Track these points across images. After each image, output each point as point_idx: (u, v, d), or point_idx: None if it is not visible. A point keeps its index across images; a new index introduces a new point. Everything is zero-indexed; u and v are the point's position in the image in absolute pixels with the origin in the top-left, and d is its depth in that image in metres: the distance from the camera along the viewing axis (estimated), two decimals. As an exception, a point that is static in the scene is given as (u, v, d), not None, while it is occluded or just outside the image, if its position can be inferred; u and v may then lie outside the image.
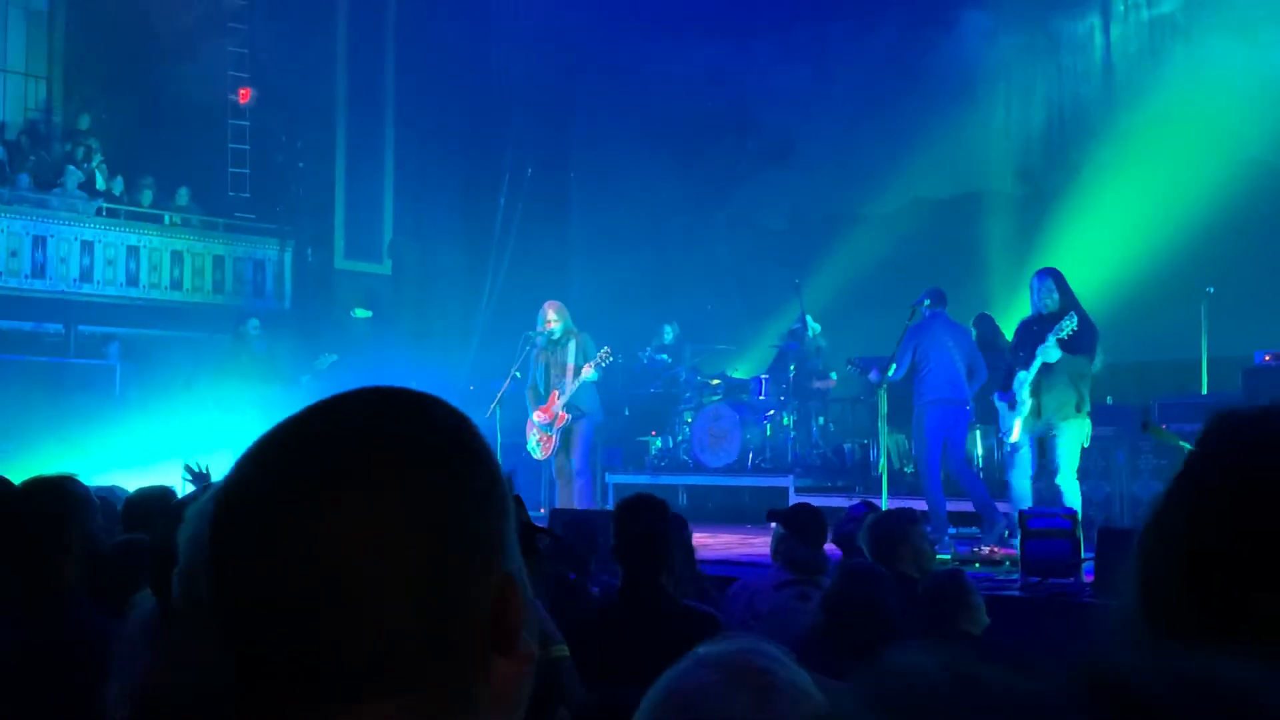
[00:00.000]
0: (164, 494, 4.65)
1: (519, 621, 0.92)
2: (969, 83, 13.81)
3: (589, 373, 9.85)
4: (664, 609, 4.00)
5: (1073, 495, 7.91)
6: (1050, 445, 8.03)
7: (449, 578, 0.88)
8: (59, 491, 3.05)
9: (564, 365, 9.99)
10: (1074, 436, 7.98)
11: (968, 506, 8.98)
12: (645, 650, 3.69)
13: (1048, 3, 13.14)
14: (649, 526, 4.13)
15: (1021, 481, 8.16)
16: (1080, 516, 7.20)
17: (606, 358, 9.92)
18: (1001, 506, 8.53)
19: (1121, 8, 12.56)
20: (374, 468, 0.88)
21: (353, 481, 0.87)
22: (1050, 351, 7.83)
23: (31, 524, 2.99)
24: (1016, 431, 8.09)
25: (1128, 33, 12.46)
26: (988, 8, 13.06)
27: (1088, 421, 8.04)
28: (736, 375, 13.02)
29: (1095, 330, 8.07)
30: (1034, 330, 8.14)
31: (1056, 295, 8.13)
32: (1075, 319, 7.86)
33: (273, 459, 0.90)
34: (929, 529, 7.89)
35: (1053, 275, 8.30)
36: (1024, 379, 7.99)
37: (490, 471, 0.93)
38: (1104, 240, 11.66)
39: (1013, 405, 8.06)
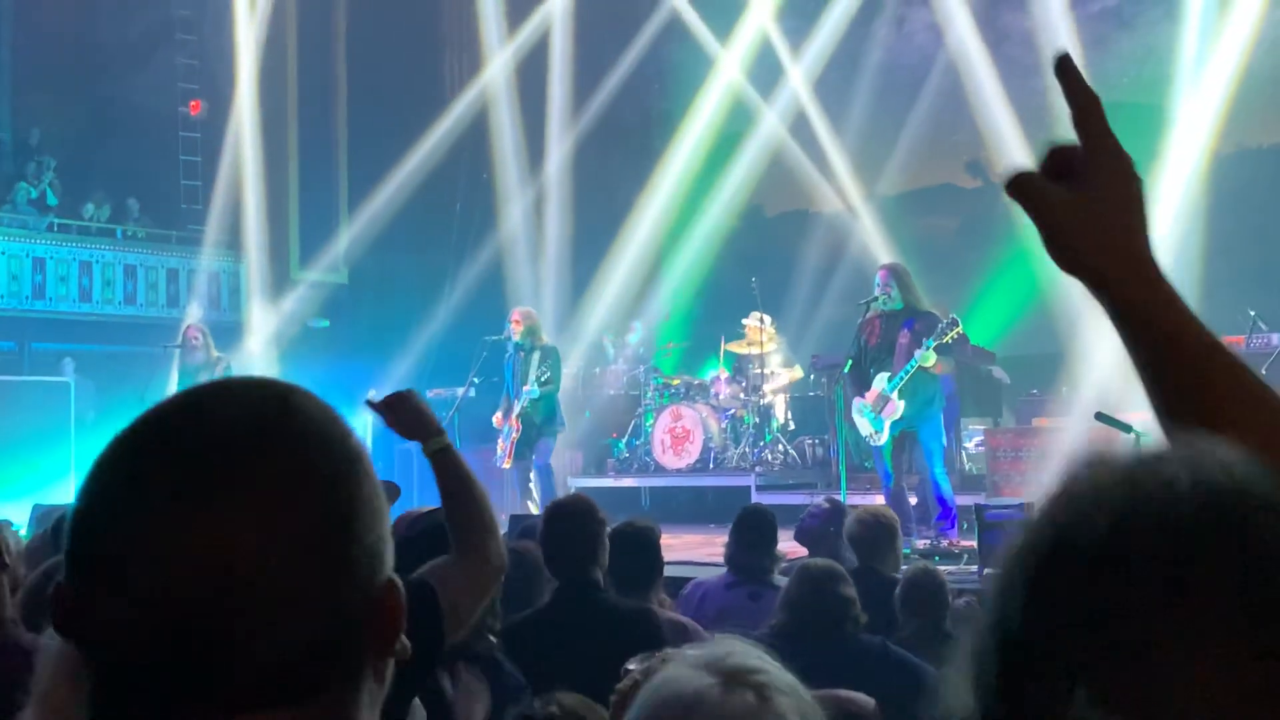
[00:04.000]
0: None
1: (400, 626, 0.92)
2: (919, 78, 13.92)
3: (528, 390, 9.98)
4: (598, 610, 4.01)
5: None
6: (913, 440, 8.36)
7: (339, 586, 0.88)
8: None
9: (526, 375, 10.10)
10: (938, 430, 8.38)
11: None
12: (580, 651, 3.73)
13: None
14: (577, 529, 4.12)
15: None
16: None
17: (546, 378, 10.01)
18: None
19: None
20: (259, 474, 0.86)
21: (236, 489, 0.85)
22: (927, 355, 8.03)
23: None
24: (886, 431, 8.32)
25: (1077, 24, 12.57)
26: (934, 4, 13.15)
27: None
28: (696, 375, 13.04)
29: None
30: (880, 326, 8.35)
31: (898, 292, 8.35)
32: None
33: (144, 465, 0.87)
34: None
35: (893, 271, 8.51)
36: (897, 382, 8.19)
37: (370, 475, 0.92)
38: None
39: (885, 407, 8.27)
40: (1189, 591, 0.69)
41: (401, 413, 2.57)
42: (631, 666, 2.03)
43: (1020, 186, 1.04)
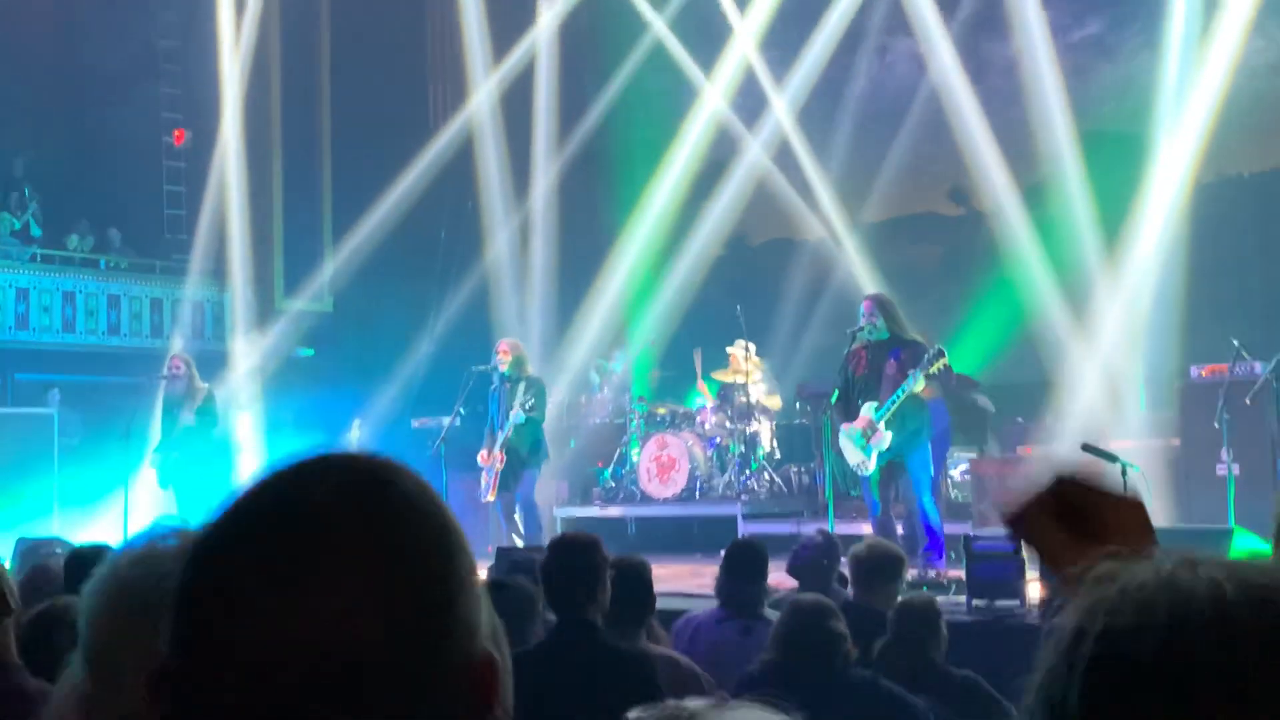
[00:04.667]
0: (102, 553, 4.56)
1: (496, 697, 0.94)
2: (901, 107, 14.00)
3: (515, 416, 9.98)
4: (595, 650, 3.99)
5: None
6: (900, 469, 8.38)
7: (441, 662, 0.89)
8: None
9: (511, 406, 10.10)
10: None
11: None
12: (574, 692, 3.72)
13: (975, 27, 13.34)
14: (577, 565, 4.11)
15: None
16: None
17: (532, 404, 10.01)
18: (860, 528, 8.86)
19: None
20: (364, 554, 0.88)
21: (342, 570, 0.87)
22: (915, 382, 8.07)
23: None
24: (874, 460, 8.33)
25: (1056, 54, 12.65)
26: (917, 34, 13.23)
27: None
28: (683, 404, 13.05)
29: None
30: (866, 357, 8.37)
31: (882, 322, 8.39)
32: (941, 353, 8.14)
33: (250, 549, 0.89)
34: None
35: (878, 301, 8.56)
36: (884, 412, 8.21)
37: (465, 548, 0.94)
38: (1039, 260, 11.84)
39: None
40: (1249, 701, 0.70)
41: None
42: (632, 717, 2.02)
43: (1022, 528, 1.08)
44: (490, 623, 0.96)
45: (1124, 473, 7.19)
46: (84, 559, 4.50)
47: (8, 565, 8.08)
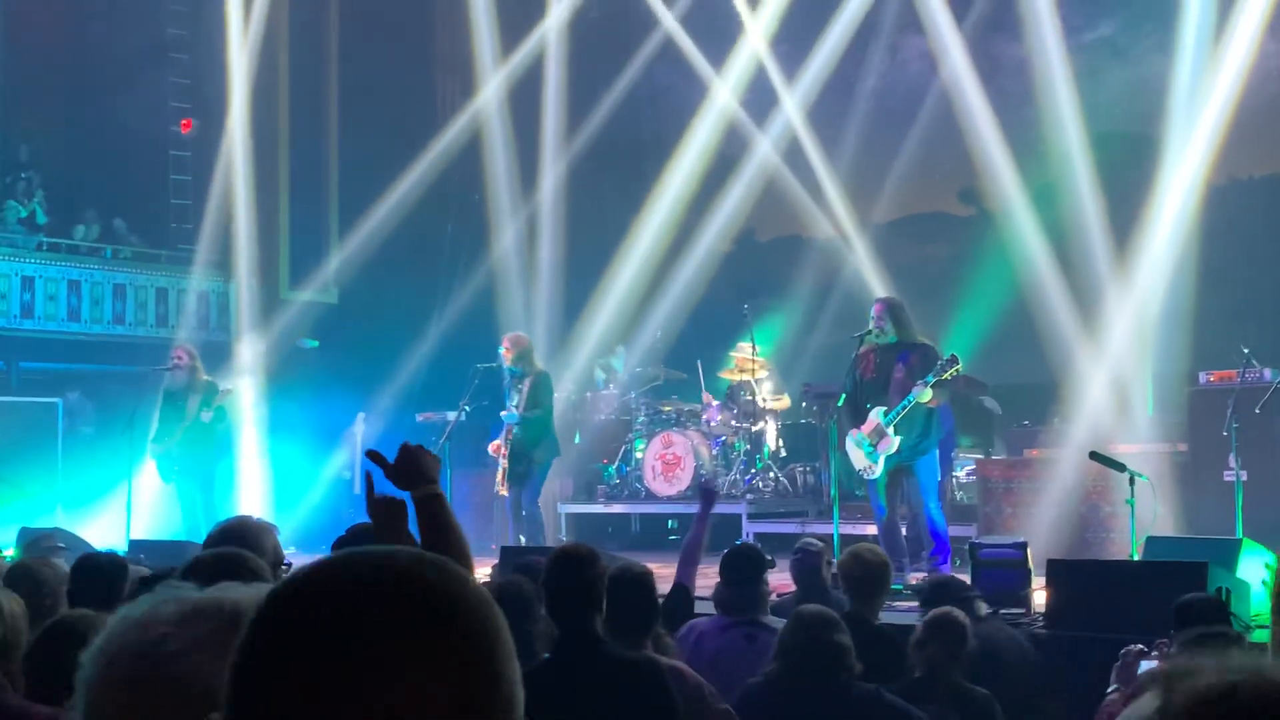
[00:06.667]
0: (116, 565, 4.49)
1: None
2: (912, 106, 13.95)
3: (506, 416, 10.02)
4: (602, 661, 3.97)
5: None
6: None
7: None
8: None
9: (518, 402, 10.10)
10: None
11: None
12: (583, 703, 3.69)
13: (987, 26, 13.28)
14: (578, 578, 4.07)
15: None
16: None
17: (525, 408, 10.04)
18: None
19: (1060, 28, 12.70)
20: (429, 645, 0.94)
21: (410, 661, 0.93)
22: (925, 392, 8.04)
23: None
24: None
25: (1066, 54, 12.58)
26: (928, 33, 13.17)
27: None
28: (687, 401, 13.01)
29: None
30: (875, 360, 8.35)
31: (891, 326, 8.37)
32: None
33: (303, 646, 0.93)
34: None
35: (888, 305, 8.52)
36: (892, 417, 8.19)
37: (514, 656, 1.00)
38: (1049, 261, 11.78)
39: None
40: None
41: (402, 463, 2.63)
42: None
43: None
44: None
45: (1131, 481, 7.16)
46: (92, 568, 4.43)
47: (9, 555, 8.06)
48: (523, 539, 9.79)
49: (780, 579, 6.48)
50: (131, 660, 1.21)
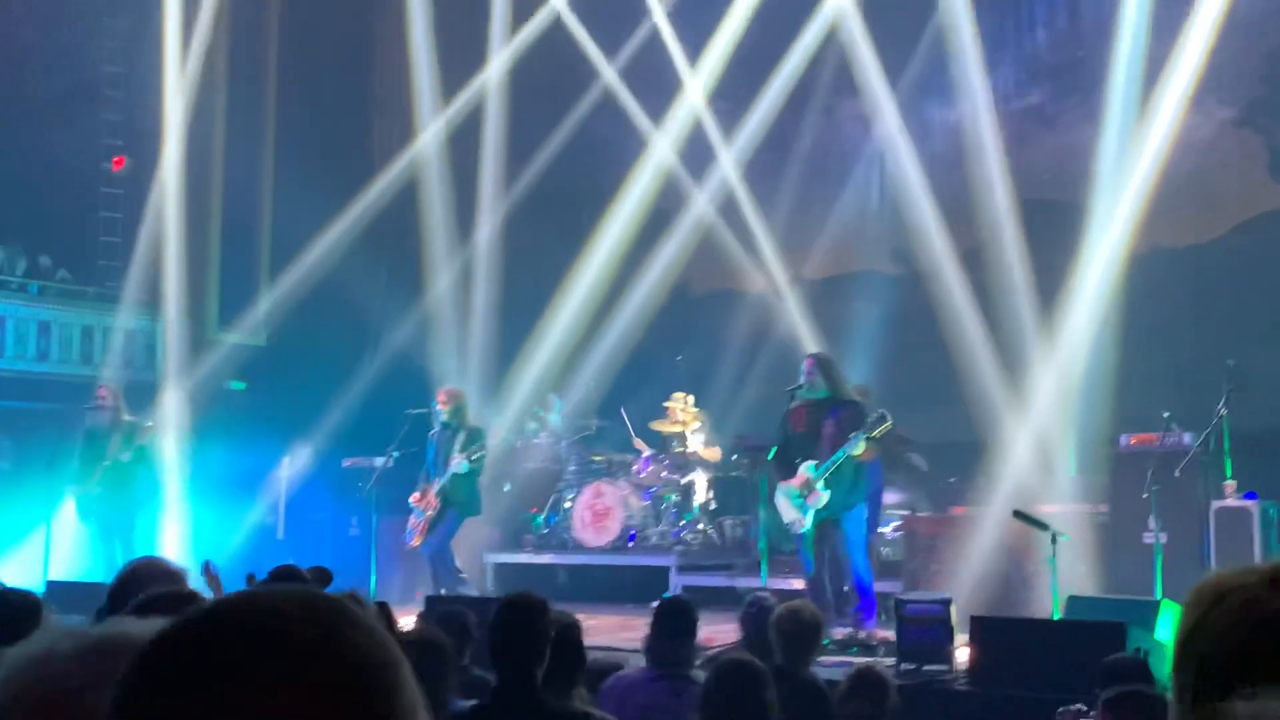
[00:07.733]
0: (30, 603, 4.37)
1: None
2: (846, 166, 14.17)
3: (457, 464, 9.93)
4: (538, 712, 3.95)
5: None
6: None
7: None
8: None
9: (450, 453, 10.04)
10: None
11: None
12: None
13: (920, 90, 13.53)
14: (528, 627, 4.07)
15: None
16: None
17: (477, 456, 9.99)
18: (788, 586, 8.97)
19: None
20: (325, 658, 0.92)
21: (302, 665, 0.91)
22: (857, 445, 8.14)
23: None
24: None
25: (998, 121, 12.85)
26: (863, 95, 13.39)
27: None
28: (619, 452, 13.01)
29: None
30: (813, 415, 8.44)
31: (822, 381, 8.48)
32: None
33: (215, 638, 0.93)
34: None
35: (819, 361, 8.65)
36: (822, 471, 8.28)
37: (405, 692, 0.97)
38: (974, 321, 11.96)
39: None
40: None
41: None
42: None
43: None
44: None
45: (1054, 540, 7.26)
46: (5, 603, 4.31)
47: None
48: (444, 590, 9.72)
49: (712, 630, 6.48)
50: (37, 698, 1.19)
